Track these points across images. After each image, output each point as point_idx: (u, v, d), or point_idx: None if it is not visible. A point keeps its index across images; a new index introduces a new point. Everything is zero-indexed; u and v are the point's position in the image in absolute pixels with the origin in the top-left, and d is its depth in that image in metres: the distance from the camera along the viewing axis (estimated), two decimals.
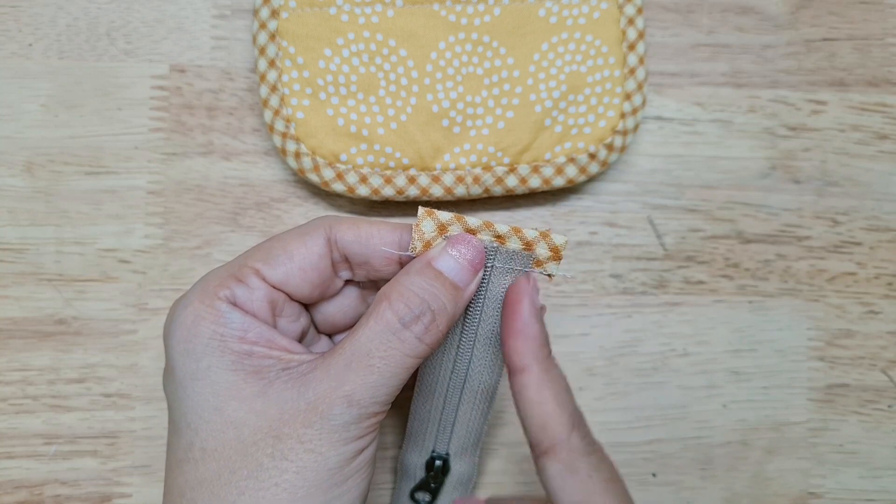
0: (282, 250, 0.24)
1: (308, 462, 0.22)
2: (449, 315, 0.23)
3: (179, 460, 0.22)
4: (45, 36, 0.35)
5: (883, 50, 0.37)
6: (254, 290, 0.24)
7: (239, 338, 0.23)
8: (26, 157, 0.35)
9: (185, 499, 0.22)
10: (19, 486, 0.33)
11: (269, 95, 0.33)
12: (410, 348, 0.22)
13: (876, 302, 0.36)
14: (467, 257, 0.24)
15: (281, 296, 0.25)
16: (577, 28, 0.33)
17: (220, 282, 0.23)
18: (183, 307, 0.23)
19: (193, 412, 0.22)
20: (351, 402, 0.22)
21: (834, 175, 0.37)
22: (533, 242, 0.25)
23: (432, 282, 0.23)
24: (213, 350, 0.22)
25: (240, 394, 0.22)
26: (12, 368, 0.34)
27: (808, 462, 0.36)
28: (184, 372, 0.22)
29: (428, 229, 0.24)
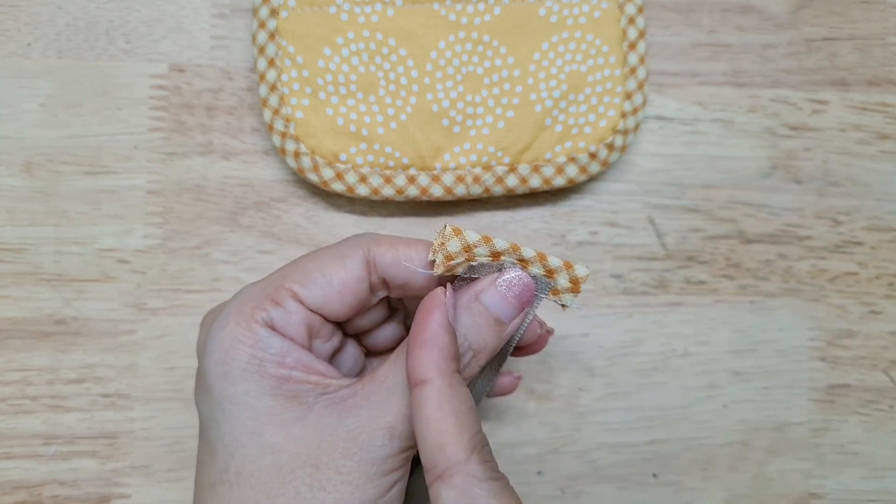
0: (320, 273, 0.24)
1: (345, 493, 0.21)
2: (489, 351, 0.23)
3: (213, 482, 0.22)
4: (45, 35, 0.35)
5: (884, 49, 0.37)
6: (291, 313, 0.23)
7: (277, 363, 0.22)
8: (25, 156, 0.34)
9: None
10: (18, 487, 0.33)
11: (269, 95, 0.33)
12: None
13: (877, 302, 0.36)
14: (515, 293, 0.23)
15: (318, 319, 0.24)
16: (578, 27, 0.33)
17: (258, 304, 0.23)
18: (220, 328, 0.23)
19: (230, 435, 0.22)
20: (392, 434, 0.22)
21: (835, 175, 0.37)
22: (555, 271, 0.24)
23: (477, 319, 0.23)
24: (251, 375, 0.22)
25: (278, 419, 0.22)
26: (11, 368, 0.34)
27: (809, 463, 0.36)
28: (222, 394, 0.22)
29: (454, 250, 0.23)
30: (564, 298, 0.24)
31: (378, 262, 0.24)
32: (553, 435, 0.35)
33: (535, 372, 0.35)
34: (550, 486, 0.35)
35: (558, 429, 0.35)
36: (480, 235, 0.24)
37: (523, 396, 0.35)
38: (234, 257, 0.35)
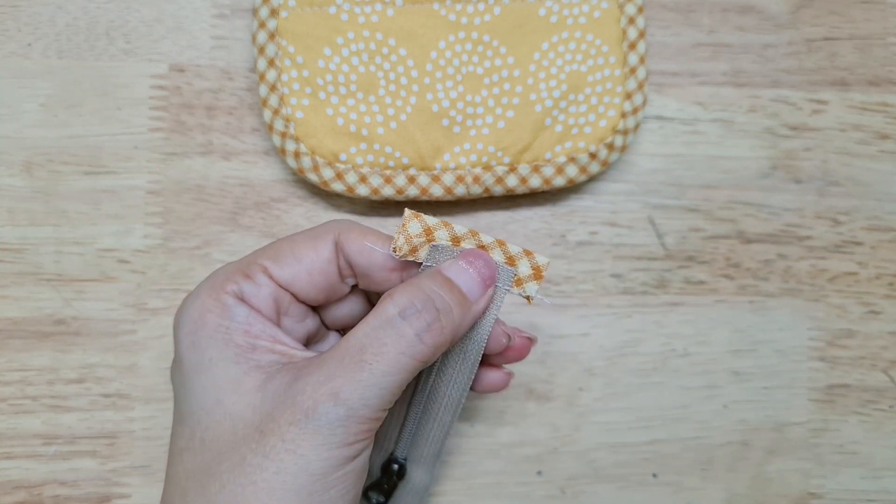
0: (290, 251, 0.25)
1: (288, 463, 0.21)
2: (455, 322, 0.23)
3: (181, 449, 0.23)
4: (45, 35, 0.35)
5: (884, 49, 0.37)
6: (261, 286, 0.24)
7: (244, 331, 0.23)
8: (25, 156, 0.34)
9: (179, 487, 0.22)
10: (18, 487, 0.33)
11: (269, 95, 0.33)
12: (407, 345, 0.21)
13: (877, 302, 0.36)
14: (480, 272, 0.24)
15: (287, 295, 0.25)
16: (578, 27, 0.33)
17: (228, 276, 0.24)
18: (192, 300, 0.23)
19: (197, 403, 0.22)
20: (337, 400, 0.21)
21: (835, 175, 0.37)
22: (516, 258, 0.24)
23: (441, 285, 0.23)
24: (217, 342, 0.23)
25: (240, 387, 0.22)
26: (11, 368, 0.34)
27: (808, 463, 0.36)
28: (190, 363, 0.23)
29: (414, 232, 0.24)
30: (528, 288, 0.24)
31: (345, 246, 0.25)
32: (553, 435, 0.35)
33: (535, 372, 0.35)
34: (550, 486, 0.35)
35: (558, 429, 0.35)
36: (439, 220, 0.24)
37: (523, 396, 0.35)
38: (234, 257, 0.35)
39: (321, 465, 0.21)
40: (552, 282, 0.35)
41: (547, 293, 0.35)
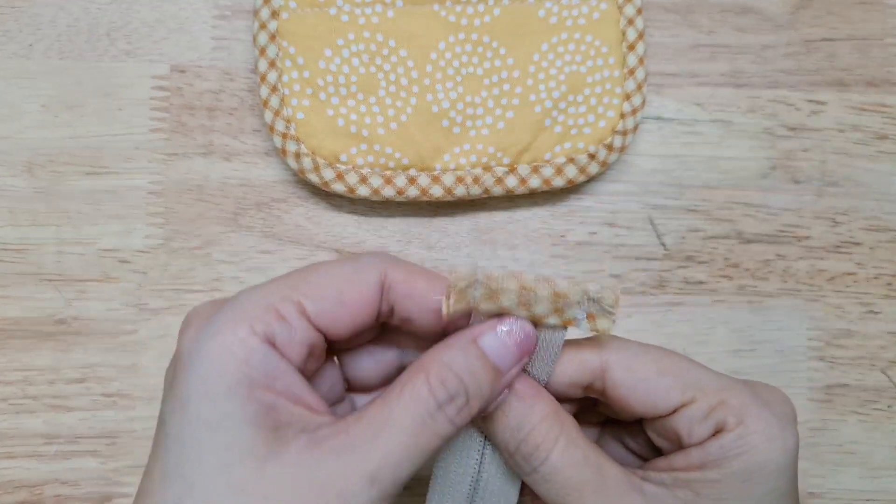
0: (333, 289, 0.22)
1: None
2: (484, 398, 0.21)
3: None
4: (46, 36, 0.35)
5: (883, 50, 0.37)
6: (295, 330, 0.21)
7: (266, 386, 0.20)
8: (27, 157, 0.35)
9: None
10: (19, 486, 0.34)
11: (270, 96, 0.33)
12: (441, 427, 0.21)
13: (876, 302, 0.36)
14: (516, 339, 0.22)
15: (320, 338, 0.22)
16: (577, 28, 0.33)
17: (259, 314, 0.20)
18: (211, 335, 0.20)
19: (194, 463, 0.19)
20: (374, 480, 0.19)
21: (834, 175, 0.37)
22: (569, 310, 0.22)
23: (473, 361, 0.21)
24: (235, 396, 0.19)
25: (253, 453, 0.19)
26: (13, 368, 0.34)
27: (807, 462, 0.36)
28: (197, 414, 0.19)
29: (474, 294, 0.22)
30: (582, 326, 0.23)
31: (393, 289, 0.22)
32: None
33: None
34: None
35: None
36: (501, 275, 0.22)
37: None
38: (234, 257, 0.35)
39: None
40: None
41: None
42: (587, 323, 0.22)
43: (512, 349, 0.22)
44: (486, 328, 0.22)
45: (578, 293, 0.22)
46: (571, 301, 0.22)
